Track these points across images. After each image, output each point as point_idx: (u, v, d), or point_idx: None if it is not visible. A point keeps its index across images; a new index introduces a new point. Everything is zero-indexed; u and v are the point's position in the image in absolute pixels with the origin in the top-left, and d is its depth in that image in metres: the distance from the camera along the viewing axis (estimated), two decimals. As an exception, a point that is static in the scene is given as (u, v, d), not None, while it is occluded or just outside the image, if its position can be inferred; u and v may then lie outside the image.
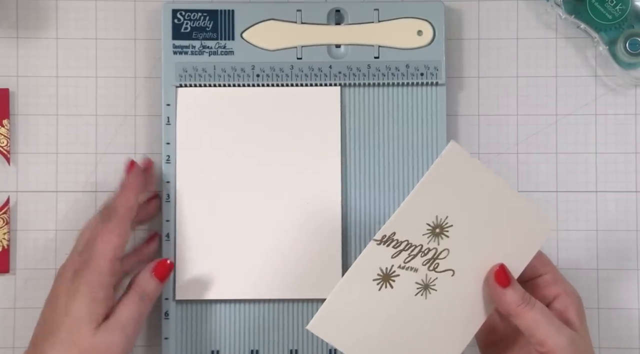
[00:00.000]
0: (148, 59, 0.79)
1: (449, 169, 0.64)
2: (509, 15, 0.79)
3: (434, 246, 0.65)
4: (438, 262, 0.65)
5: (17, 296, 0.78)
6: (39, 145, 0.78)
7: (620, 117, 0.79)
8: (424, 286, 0.65)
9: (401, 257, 0.65)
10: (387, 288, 0.65)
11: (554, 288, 0.69)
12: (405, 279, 0.65)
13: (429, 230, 0.65)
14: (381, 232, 0.64)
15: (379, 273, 0.64)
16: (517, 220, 0.67)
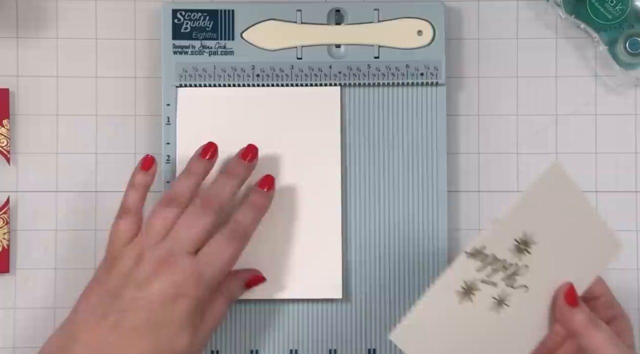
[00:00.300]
0: (148, 59, 0.79)
1: (547, 188, 0.63)
2: (509, 15, 0.79)
3: (516, 262, 0.64)
4: (516, 278, 0.64)
5: (17, 296, 0.78)
6: (39, 145, 0.78)
7: (620, 117, 0.79)
8: (498, 301, 0.64)
9: (485, 272, 0.63)
10: (467, 302, 0.63)
11: (610, 311, 0.69)
12: (484, 293, 0.64)
13: (515, 246, 0.63)
14: (472, 244, 0.62)
15: (463, 286, 0.63)
16: (591, 240, 0.66)
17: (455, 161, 0.78)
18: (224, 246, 0.70)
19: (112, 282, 0.70)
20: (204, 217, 0.71)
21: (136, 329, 0.68)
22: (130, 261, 0.70)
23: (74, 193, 0.78)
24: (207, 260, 0.70)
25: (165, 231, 0.70)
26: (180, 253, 0.70)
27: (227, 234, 0.71)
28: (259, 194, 0.74)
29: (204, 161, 0.74)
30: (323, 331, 0.76)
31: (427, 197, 0.76)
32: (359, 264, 0.76)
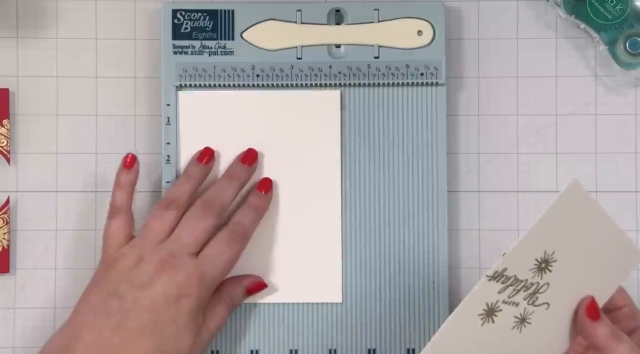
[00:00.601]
0: (148, 59, 0.79)
1: (567, 206, 0.63)
2: (509, 15, 0.79)
3: (537, 281, 0.64)
4: (537, 296, 0.64)
5: (17, 296, 0.78)
6: (39, 145, 0.78)
7: (620, 117, 0.79)
8: (520, 319, 0.64)
9: (506, 293, 0.63)
10: (489, 323, 0.63)
11: (633, 322, 0.69)
12: (506, 313, 0.64)
13: (535, 265, 0.63)
14: (494, 268, 0.62)
15: (485, 308, 0.63)
16: (611, 251, 0.66)
17: (455, 161, 0.78)
18: (224, 247, 0.71)
19: (112, 283, 0.70)
20: (205, 219, 0.71)
21: (140, 330, 0.68)
22: (131, 262, 0.70)
23: (74, 193, 0.78)
24: (208, 261, 0.71)
25: (164, 233, 0.71)
26: (182, 254, 0.70)
27: (227, 235, 0.72)
28: (258, 196, 0.75)
29: (201, 166, 0.75)
30: (323, 331, 0.76)
31: (427, 197, 0.76)
32: (358, 264, 0.76)
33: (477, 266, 0.78)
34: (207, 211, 0.72)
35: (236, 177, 0.74)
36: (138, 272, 0.70)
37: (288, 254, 0.76)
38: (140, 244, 0.71)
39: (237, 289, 0.74)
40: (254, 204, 0.74)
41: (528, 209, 0.78)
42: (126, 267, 0.70)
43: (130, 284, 0.69)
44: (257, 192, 0.75)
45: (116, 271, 0.70)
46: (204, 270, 0.70)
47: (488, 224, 0.78)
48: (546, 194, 0.78)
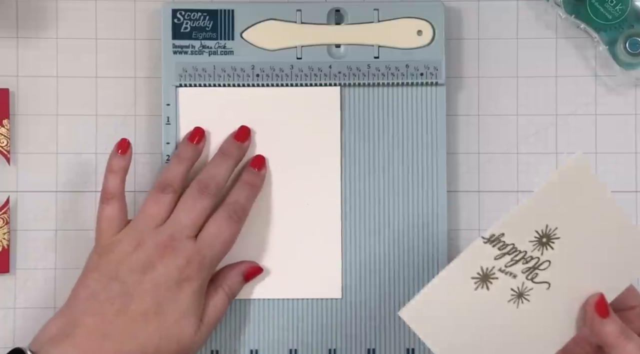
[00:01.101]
0: (148, 59, 0.79)
1: (571, 180, 0.62)
2: (509, 15, 0.79)
3: (537, 255, 0.63)
4: (537, 272, 0.64)
5: (17, 296, 0.78)
6: (39, 145, 0.78)
7: (620, 117, 0.79)
8: (518, 294, 0.64)
9: (503, 260, 0.63)
10: (483, 289, 0.63)
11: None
12: (502, 283, 0.63)
13: (536, 238, 0.63)
14: (490, 230, 0.62)
15: (479, 272, 0.62)
16: (621, 247, 0.65)
17: (455, 161, 0.78)
18: (223, 227, 0.71)
19: (110, 267, 0.70)
20: (202, 200, 0.71)
21: (143, 313, 0.68)
22: (129, 246, 0.70)
23: (74, 193, 0.78)
24: (208, 242, 0.71)
25: (161, 216, 0.71)
26: (182, 237, 0.70)
27: (224, 215, 0.72)
28: (252, 173, 0.75)
29: (193, 146, 0.75)
30: (323, 331, 0.76)
31: (427, 197, 0.76)
32: (358, 264, 0.76)
33: (477, 266, 0.78)
34: (203, 192, 0.72)
35: (230, 155, 0.74)
36: (138, 256, 0.70)
37: (288, 250, 0.76)
38: (138, 228, 0.71)
39: (234, 277, 0.74)
40: (249, 182, 0.74)
41: (528, 209, 0.78)
42: (125, 252, 0.70)
43: (131, 269, 0.69)
44: (251, 170, 0.75)
45: (114, 256, 0.70)
46: (203, 252, 0.70)
47: (488, 224, 0.78)
48: (546, 194, 0.78)
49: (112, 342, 0.68)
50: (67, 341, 0.67)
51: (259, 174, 0.75)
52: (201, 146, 0.75)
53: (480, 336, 0.64)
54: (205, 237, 0.71)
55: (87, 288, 0.70)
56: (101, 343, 0.67)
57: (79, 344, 0.67)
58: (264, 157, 0.76)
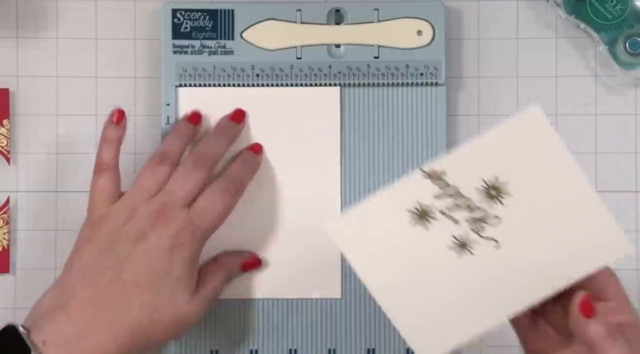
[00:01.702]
0: (148, 59, 0.79)
1: (526, 133, 0.60)
2: (509, 15, 0.79)
3: (485, 208, 0.61)
4: (484, 226, 0.61)
5: (17, 296, 0.78)
6: (39, 145, 0.78)
7: (620, 117, 0.79)
8: (460, 243, 0.62)
9: (444, 202, 0.61)
10: (421, 227, 0.61)
11: (620, 317, 0.65)
12: (442, 226, 0.61)
13: (484, 187, 0.60)
14: (431, 165, 0.60)
15: (416, 207, 0.61)
16: (588, 225, 0.62)
17: (455, 161, 0.78)
18: (217, 199, 0.71)
19: (103, 238, 0.69)
20: (196, 172, 0.71)
21: (135, 283, 0.68)
22: (122, 217, 0.70)
23: (73, 193, 0.78)
24: (201, 212, 0.70)
25: (157, 187, 0.71)
26: (175, 207, 0.70)
27: (219, 187, 0.71)
28: (249, 154, 0.75)
29: (191, 126, 0.75)
30: (322, 331, 0.76)
31: (427, 197, 0.76)
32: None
33: (477, 266, 0.78)
34: (198, 165, 0.71)
35: (225, 133, 0.74)
36: (131, 225, 0.69)
37: (287, 250, 0.76)
38: (132, 198, 0.70)
39: (234, 262, 0.74)
40: (246, 160, 0.74)
41: (528, 209, 0.78)
42: (118, 222, 0.70)
43: (124, 239, 0.69)
44: (249, 151, 0.75)
45: (107, 227, 0.70)
46: (196, 221, 0.70)
47: (488, 224, 0.78)
48: (546, 194, 0.78)
49: (106, 313, 0.67)
50: (60, 314, 0.67)
51: (257, 157, 0.75)
52: (199, 128, 0.75)
53: (418, 277, 0.62)
54: (198, 207, 0.70)
55: (79, 260, 0.69)
56: (95, 314, 0.67)
57: (73, 317, 0.67)
58: (261, 146, 0.76)
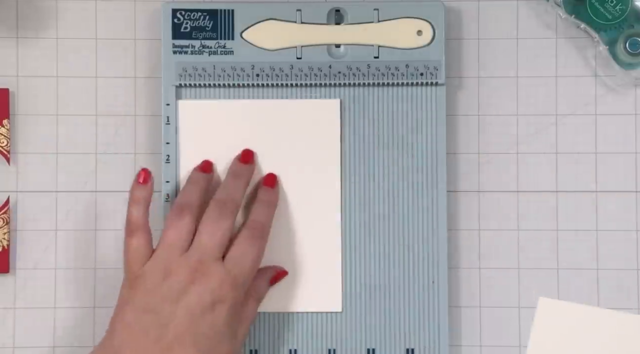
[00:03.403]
0: (148, 59, 0.79)
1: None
2: (509, 15, 0.79)
3: None
4: None
5: (17, 296, 0.78)
6: (39, 145, 0.78)
7: (620, 117, 0.79)
8: None
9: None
10: None
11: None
12: None
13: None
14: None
15: None
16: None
17: (455, 161, 0.78)
18: (248, 247, 0.72)
19: (143, 299, 0.70)
20: (223, 221, 0.71)
21: (179, 341, 0.68)
22: (159, 276, 0.70)
23: (74, 193, 0.78)
24: (236, 263, 0.71)
25: (183, 241, 0.71)
26: (211, 260, 0.70)
27: (248, 234, 0.72)
28: (267, 191, 0.75)
29: (204, 174, 0.75)
30: (322, 331, 0.76)
31: (427, 197, 0.76)
32: (359, 276, 0.76)
33: (477, 266, 0.78)
34: (223, 213, 0.72)
35: (240, 176, 0.75)
36: (169, 285, 0.70)
37: (288, 262, 0.76)
38: (164, 256, 0.71)
39: (262, 284, 0.75)
40: (266, 200, 0.75)
41: (528, 209, 0.78)
42: (155, 282, 0.70)
43: (163, 298, 0.69)
44: (266, 188, 0.75)
45: (145, 287, 0.70)
46: (234, 272, 0.70)
47: (488, 224, 0.78)
48: (546, 194, 0.78)
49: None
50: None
51: (274, 191, 0.76)
52: (212, 175, 0.76)
53: None
54: (233, 257, 0.71)
55: (123, 322, 0.69)
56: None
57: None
58: (275, 175, 0.76)
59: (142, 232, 0.72)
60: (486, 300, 0.78)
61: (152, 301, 0.69)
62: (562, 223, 0.78)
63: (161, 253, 0.71)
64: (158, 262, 0.71)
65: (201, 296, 0.69)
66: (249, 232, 0.72)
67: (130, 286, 0.71)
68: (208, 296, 0.69)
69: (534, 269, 0.78)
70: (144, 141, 0.78)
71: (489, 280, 0.78)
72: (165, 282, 0.70)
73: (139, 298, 0.70)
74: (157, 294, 0.69)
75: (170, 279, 0.70)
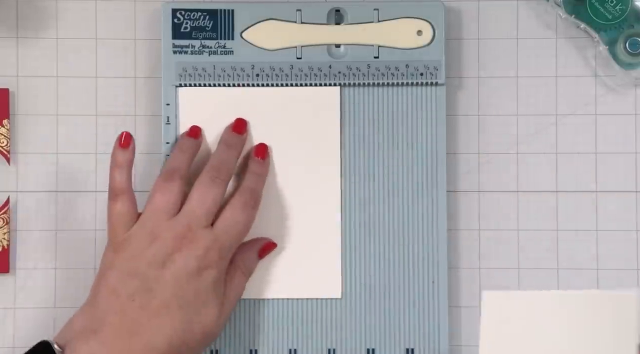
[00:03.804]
0: (148, 59, 0.79)
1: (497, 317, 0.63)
2: (509, 15, 0.79)
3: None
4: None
5: (17, 296, 0.78)
6: (39, 145, 0.78)
7: (620, 117, 0.79)
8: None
9: None
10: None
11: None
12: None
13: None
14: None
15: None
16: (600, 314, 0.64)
17: (455, 161, 0.78)
18: (238, 214, 0.72)
19: (128, 264, 0.70)
20: (214, 188, 0.72)
21: (165, 307, 0.69)
22: (144, 240, 0.70)
23: (74, 193, 0.78)
24: (224, 230, 0.71)
25: (172, 207, 0.71)
26: (198, 227, 0.70)
27: (239, 202, 0.72)
28: (258, 162, 0.75)
29: (192, 140, 0.75)
30: (322, 331, 0.76)
31: (427, 197, 0.76)
32: (358, 264, 0.76)
33: (477, 266, 0.78)
34: (214, 180, 0.72)
35: (233, 146, 0.75)
36: (155, 250, 0.70)
37: (288, 250, 0.76)
38: (150, 221, 0.71)
39: (250, 255, 0.75)
40: (256, 171, 0.75)
41: (528, 209, 0.78)
42: (141, 247, 0.70)
43: (149, 263, 0.69)
44: (257, 159, 0.75)
45: (130, 252, 0.70)
46: (221, 240, 0.71)
47: (488, 224, 0.78)
48: (546, 194, 0.78)
49: (139, 338, 0.68)
50: (94, 338, 0.68)
51: (264, 162, 0.75)
52: (200, 141, 0.75)
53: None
54: (221, 225, 0.71)
55: (107, 286, 0.70)
56: (128, 340, 0.68)
57: (107, 342, 0.68)
58: (266, 145, 0.76)
59: (126, 196, 0.72)
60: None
61: (138, 265, 0.69)
62: (562, 223, 0.78)
63: (148, 218, 0.71)
64: (144, 227, 0.71)
65: (187, 262, 0.69)
66: (238, 200, 0.72)
67: (115, 250, 0.71)
68: (194, 262, 0.69)
69: (534, 269, 0.78)
70: (144, 141, 0.78)
71: (489, 280, 0.78)
72: (152, 247, 0.70)
73: (124, 263, 0.70)
74: (143, 259, 0.69)
75: (157, 244, 0.70)
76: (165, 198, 0.71)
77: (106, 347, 0.68)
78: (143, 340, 0.68)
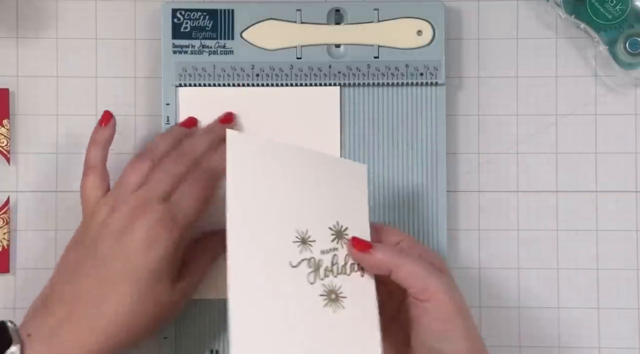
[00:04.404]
0: (148, 59, 0.79)
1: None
2: (509, 15, 0.79)
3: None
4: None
5: (17, 296, 0.78)
6: (39, 145, 0.78)
7: (620, 117, 0.79)
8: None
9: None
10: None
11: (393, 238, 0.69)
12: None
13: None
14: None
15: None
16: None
17: (455, 161, 0.78)
18: (193, 187, 0.71)
19: (88, 236, 0.70)
20: (176, 167, 0.71)
21: (113, 276, 0.68)
22: (104, 213, 0.70)
23: (73, 193, 0.78)
24: (178, 203, 0.70)
25: (138, 183, 0.71)
26: (152, 200, 0.70)
27: (194, 176, 0.72)
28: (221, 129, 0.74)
29: (183, 129, 0.75)
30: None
31: (427, 197, 0.76)
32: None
33: (477, 266, 0.78)
34: (178, 160, 0.72)
35: (212, 132, 0.75)
36: (112, 221, 0.70)
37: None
38: (115, 194, 0.71)
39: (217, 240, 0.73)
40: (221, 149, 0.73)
41: (528, 209, 0.78)
42: (101, 218, 0.70)
43: (106, 234, 0.69)
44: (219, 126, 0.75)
45: (93, 223, 0.70)
46: (174, 212, 0.70)
47: (488, 224, 0.78)
48: (546, 194, 0.78)
49: (83, 306, 0.68)
50: (42, 311, 0.68)
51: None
52: (191, 132, 0.75)
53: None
54: (175, 199, 0.71)
55: (67, 258, 0.70)
56: (72, 308, 0.68)
57: (53, 312, 0.68)
58: (233, 114, 0.76)
59: (98, 171, 0.72)
60: (486, 300, 0.78)
61: (95, 237, 0.70)
62: (562, 223, 0.78)
63: (113, 191, 0.71)
64: (108, 200, 0.71)
65: (138, 234, 0.69)
66: (195, 175, 0.72)
67: (83, 223, 0.72)
68: (144, 233, 0.69)
69: (534, 269, 0.78)
70: (144, 140, 0.78)
71: (489, 280, 0.78)
72: (109, 218, 0.70)
73: (86, 235, 0.70)
74: (102, 230, 0.70)
75: (114, 215, 0.70)
76: (133, 175, 0.71)
77: (53, 316, 0.67)
78: (87, 309, 0.68)
